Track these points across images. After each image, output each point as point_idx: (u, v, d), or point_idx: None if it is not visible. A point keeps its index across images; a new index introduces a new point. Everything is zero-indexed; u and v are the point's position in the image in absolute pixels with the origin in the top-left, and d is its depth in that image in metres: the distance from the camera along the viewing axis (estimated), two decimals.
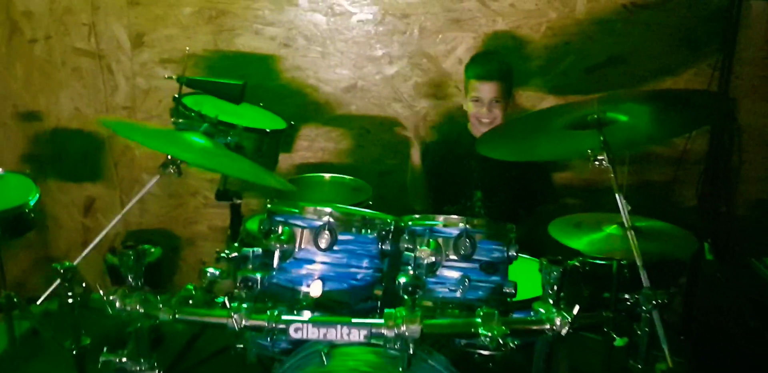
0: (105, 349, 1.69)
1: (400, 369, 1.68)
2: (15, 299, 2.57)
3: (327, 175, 2.79)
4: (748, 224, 3.05)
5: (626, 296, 2.13)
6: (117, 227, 3.28)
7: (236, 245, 1.99)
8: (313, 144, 3.12)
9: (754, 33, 2.91)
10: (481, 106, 2.53)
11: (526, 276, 1.85)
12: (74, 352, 1.84)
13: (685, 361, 2.69)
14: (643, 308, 1.47)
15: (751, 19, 2.88)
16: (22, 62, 3.01)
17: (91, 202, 3.23)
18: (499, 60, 2.67)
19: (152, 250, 3.03)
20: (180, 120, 2.34)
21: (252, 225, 2.38)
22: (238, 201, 2.52)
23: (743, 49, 2.92)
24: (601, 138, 1.59)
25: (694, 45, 2.93)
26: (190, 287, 1.72)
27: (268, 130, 2.47)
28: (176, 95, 2.43)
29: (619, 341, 2.02)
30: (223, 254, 2.02)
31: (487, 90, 2.50)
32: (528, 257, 2.05)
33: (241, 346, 2.68)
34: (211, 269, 1.79)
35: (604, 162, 1.59)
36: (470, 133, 2.67)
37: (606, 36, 2.93)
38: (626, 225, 1.54)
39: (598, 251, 1.89)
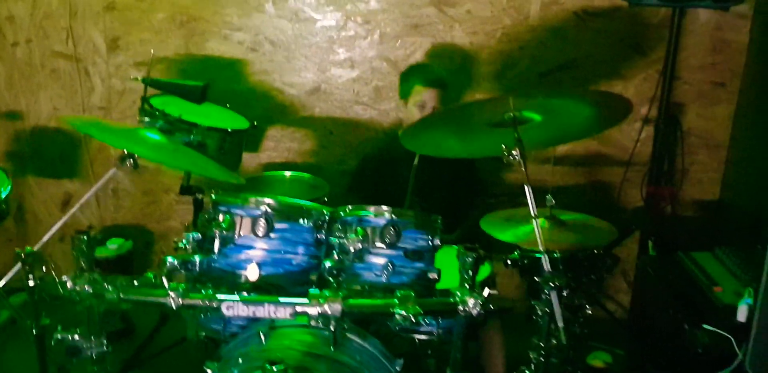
0: (59, 328, 1.84)
1: (331, 348, 1.83)
2: None
3: (288, 173, 2.93)
4: (691, 222, 3.19)
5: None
6: (93, 222, 3.43)
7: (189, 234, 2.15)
8: (279, 144, 3.26)
9: (700, 40, 3.05)
10: (424, 111, 2.62)
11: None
12: (34, 332, 1.99)
13: (624, 353, 2.83)
14: (545, 290, 1.60)
15: (698, 26, 3.03)
16: (4, 64, 3.17)
17: (68, 198, 3.38)
18: (441, 70, 2.80)
19: (124, 243, 3.18)
20: (146, 119, 2.49)
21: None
22: (201, 196, 2.67)
23: (690, 55, 3.06)
24: (516, 135, 1.73)
25: (642, 51, 3.08)
26: (149, 274, 1.84)
27: (229, 130, 2.62)
28: (143, 96, 2.59)
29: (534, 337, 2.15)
30: (180, 244, 2.18)
31: (432, 96, 2.62)
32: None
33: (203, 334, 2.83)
34: (170, 259, 1.92)
35: (516, 157, 1.72)
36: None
37: (559, 42, 3.08)
38: (533, 214, 1.67)
39: (526, 242, 2.03)
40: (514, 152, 1.73)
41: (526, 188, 1.70)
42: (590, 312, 2.24)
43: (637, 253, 3.09)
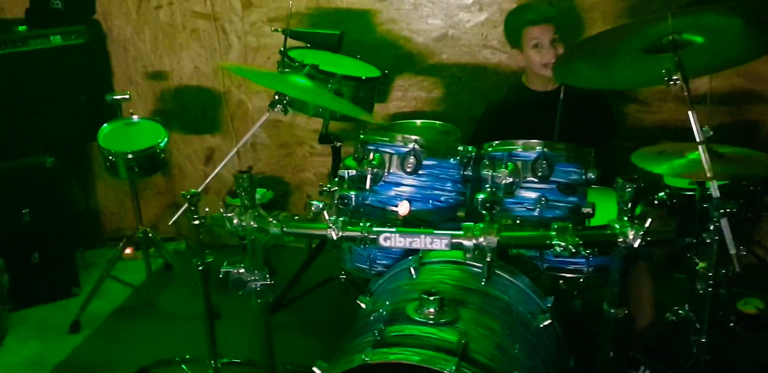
0: (225, 262, 1.97)
1: (482, 282, 1.86)
2: (151, 235, 2.95)
3: (418, 121, 2.94)
4: None
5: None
6: (233, 172, 3.61)
7: (336, 180, 2.23)
8: (407, 94, 3.28)
9: None
10: (543, 49, 2.52)
11: (603, 206, 1.94)
12: (200, 268, 2.16)
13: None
14: (713, 217, 1.53)
15: None
16: (149, 27, 3.37)
17: (210, 152, 3.58)
18: (542, 5, 2.72)
19: (266, 193, 3.34)
20: (286, 70, 2.59)
21: (350, 162, 2.59)
22: (339, 144, 2.75)
23: None
24: (676, 59, 1.64)
25: None
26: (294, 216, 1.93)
27: (363, 78, 2.66)
28: (281, 49, 2.67)
29: (701, 264, 2.07)
30: (325, 188, 2.27)
31: (545, 32, 2.51)
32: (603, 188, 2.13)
33: (344, 276, 2.95)
34: (315, 202, 2.00)
35: (678, 82, 1.64)
36: (525, 86, 2.69)
37: None
38: (699, 138, 1.59)
39: (681, 174, 1.94)
40: (674, 77, 1.64)
41: (690, 114, 1.62)
42: (744, 253, 2.14)
43: None
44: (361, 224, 1.72)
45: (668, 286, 2.72)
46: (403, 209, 1.87)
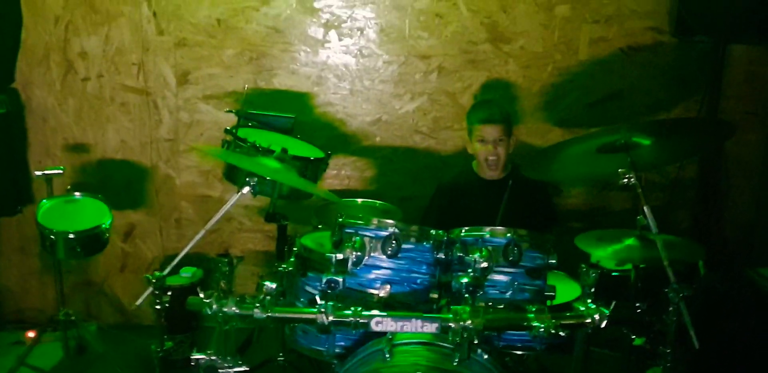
0: (194, 349, 1.91)
1: (455, 363, 1.93)
2: (73, 318, 2.76)
3: (359, 200, 3.04)
4: (733, 243, 3.38)
5: (638, 304, 2.42)
6: (155, 252, 3.50)
7: (292, 259, 2.25)
8: (340, 172, 3.39)
9: (736, 72, 3.29)
10: (486, 145, 2.80)
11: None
12: (159, 354, 2.07)
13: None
14: (672, 300, 1.73)
15: (733, 59, 3.27)
16: (74, 98, 3.27)
17: (131, 228, 3.45)
18: (498, 104, 2.99)
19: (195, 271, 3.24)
20: (235, 150, 2.61)
21: (307, 241, 2.61)
22: (285, 222, 2.77)
23: (727, 86, 3.29)
24: (629, 159, 1.89)
25: (683, 83, 3.30)
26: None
27: (311, 158, 2.74)
28: (229, 128, 2.70)
29: (637, 341, 2.28)
30: (281, 269, 2.28)
31: (490, 132, 2.79)
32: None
33: (282, 358, 2.89)
34: (268, 283, 2.01)
35: (632, 179, 1.88)
36: (475, 173, 2.94)
37: (605, 75, 3.29)
38: (654, 230, 1.82)
39: (622, 258, 2.17)
40: (628, 175, 1.88)
41: (644, 208, 1.85)
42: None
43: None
44: (352, 309, 1.76)
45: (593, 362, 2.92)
46: (383, 291, 1.93)
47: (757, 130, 3.37)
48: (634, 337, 2.31)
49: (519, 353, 2.13)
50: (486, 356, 1.96)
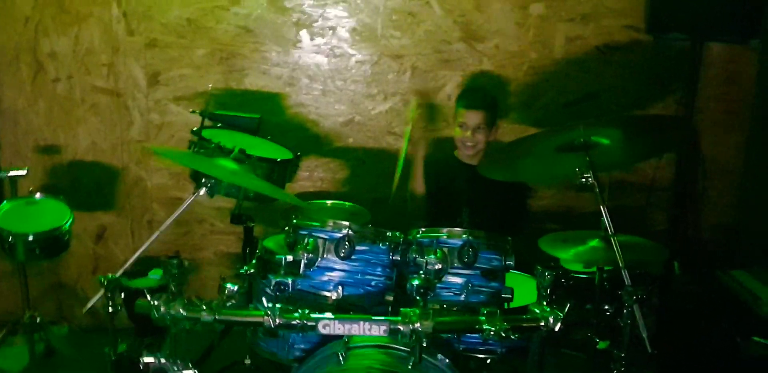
0: (144, 351, 1.87)
1: (409, 366, 1.89)
2: (38, 320, 2.73)
3: (329, 202, 3.00)
4: (712, 245, 3.33)
5: (606, 307, 2.38)
6: (127, 254, 3.46)
7: (254, 262, 2.21)
8: (313, 174, 3.36)
9: (714, 72, 3.24)
10: (466, 131, 2.84)
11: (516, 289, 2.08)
12: (112, 358, 2.03)
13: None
14: (626, 303, 1.69)
15: (712, 58, 3.22)
16: (44, 99, 3.24)
17: (102, 230, 3.41)
18: (485, 92, 3.02)
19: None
20: (200, 151, 2.58)
21: (269, 243, 2.58)
22: (251, 224, 2.74)
23: (705, 86, 3.25)
24: (587, 159, 1.85)
25: (660, 82, 3.26)
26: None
27: (278, 160, 2.71)
28: (194, 129, 2.67)
29: (601, 344, 2.24)
30: (242, 271, 2.24)
31: (472, 117, 2.83)
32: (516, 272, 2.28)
33: (248, 361, 2.86)
34: (229, 285, 1.97)
35: (589, 179, 1.84)
36: (457, 158, 2.96)
37: (582, 74, 3.25)
38: (610, 231, 1.78)
39: (585, 260, 2.13)
40: (586, 175, 1.84)
41: (602, 209, 1.81)
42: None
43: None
44: (299, 312, 1.73)
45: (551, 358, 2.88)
46: (336, 294, 1.90)
47: (737, 130, 3.33)
48: (598, 340, 2.28)
49: (481, 356, 2.10)
50: (447, 361, 1.93)
